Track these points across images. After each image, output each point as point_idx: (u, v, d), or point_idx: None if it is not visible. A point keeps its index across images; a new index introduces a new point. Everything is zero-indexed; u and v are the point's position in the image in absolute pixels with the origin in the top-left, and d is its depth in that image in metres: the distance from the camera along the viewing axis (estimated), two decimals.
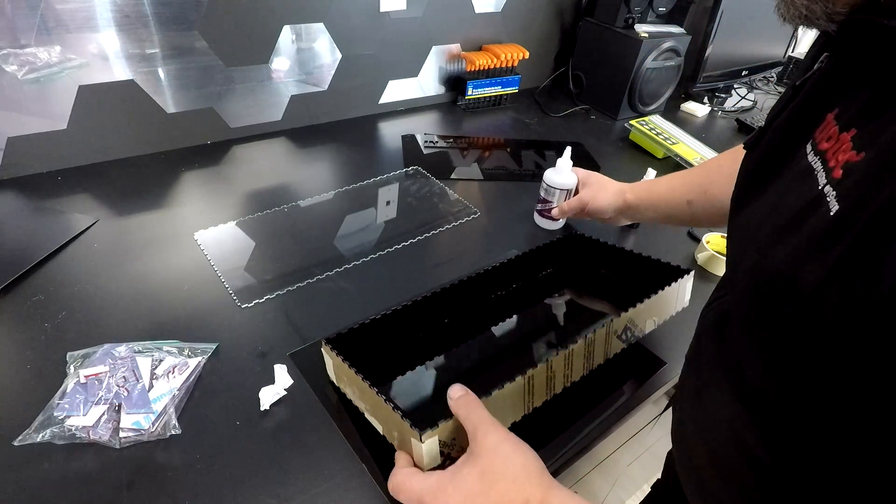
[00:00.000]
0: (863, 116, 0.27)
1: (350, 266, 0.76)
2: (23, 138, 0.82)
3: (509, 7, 1.27)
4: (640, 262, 0.71)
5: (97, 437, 0.50)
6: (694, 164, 1.10)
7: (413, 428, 0.42)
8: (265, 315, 0.66)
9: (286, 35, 0.98)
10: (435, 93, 1.29)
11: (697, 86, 1.38)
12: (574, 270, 0.79)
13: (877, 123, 0.26)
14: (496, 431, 0.40)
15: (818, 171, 0.29)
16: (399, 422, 0.44)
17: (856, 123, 0.27)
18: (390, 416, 0.46)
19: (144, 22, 0.84)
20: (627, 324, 0.59)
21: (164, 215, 0.81)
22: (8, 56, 0.76)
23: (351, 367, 0.50)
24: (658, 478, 0.67)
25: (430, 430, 0.42)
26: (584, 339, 0.53)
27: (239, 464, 0.50)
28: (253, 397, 0.55)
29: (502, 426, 0.42)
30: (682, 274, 0.66)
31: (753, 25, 1.41)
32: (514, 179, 1.02)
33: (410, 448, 0.44)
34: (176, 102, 0.93)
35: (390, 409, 0.45)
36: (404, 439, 0.45)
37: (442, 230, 0.85)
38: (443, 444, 0.44)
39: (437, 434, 0.43)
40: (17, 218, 0.78)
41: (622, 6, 1.24)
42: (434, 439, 0.43)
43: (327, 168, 0.99)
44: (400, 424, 0.44)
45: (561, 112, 1.34)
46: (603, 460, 0.86)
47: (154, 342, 0.59)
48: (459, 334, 0.66)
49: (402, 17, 1.11)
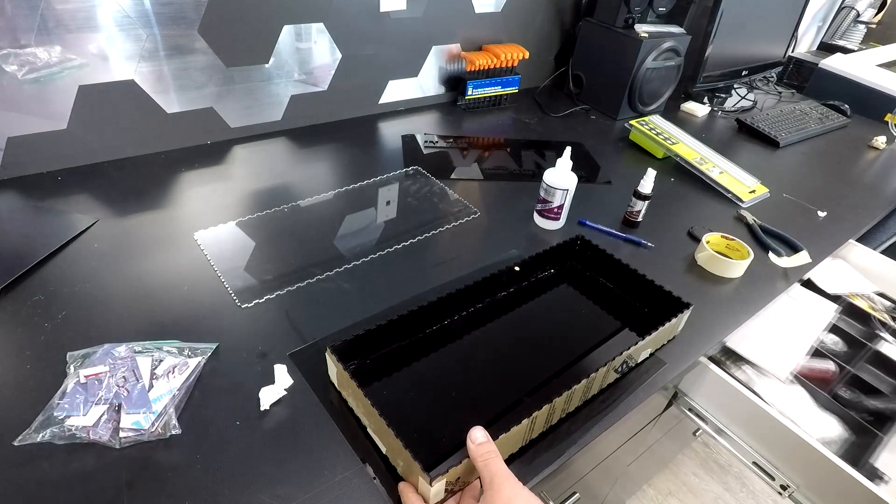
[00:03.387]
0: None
1: (350, 266, 0.75)
2: (23, 138, 0.82)
3: (509, 7, 1.27)
4: (643, 284, 0.72)
5: (97, 437, 0.50)
6: (694, 163, 1.10)
7: (424, 472, 0.44)
8: (265, 315, 0.66)
9: (286, 35, 0.98)
10: (435, 93, 1.29)
11: (697, 86, 1.38)
12: (575, 275, 0.79)
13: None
14: (511, 485, 0.43)
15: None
16: (408, 457, 0.45)
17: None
18: (399, 448, 0.47)
19: (145, 22, 0.84)
20: (626, 359, 0.61)
21: (164, 215, 0.81)
22: (8, 56, 0.76)
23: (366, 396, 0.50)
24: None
25: (440, 476, 0.44)
26: (587, 377, 0.55)
27: (239, 464, 0.50)
28: (253, 397, 0.55)
29: (516, 480, 0.43)
30: (682, 308, 0.67)
31: (753, 25, 1.42)
32: (514, 179, 1.02)
33: (416, 480, 0.46)
34: (176, 102, 0.93)
35: (401, 444, 0.46)
36: (411, 471, 0.46)
37: (442, 230, 0.85)
38: (449, 484, 0.46)
39: (446, 478, 0.45)
40: (17, 218, 0.78)
41: (622, 6, 1.24)
42: (442, 483, 0.45)
43: (327, 168, 0.99)
44: (409, 459, 0.45)
45: (561, 112, 1.34)
46: (603, 460, 0.86)
47: (154, 342, 0.59)
48: (463, 341, 0.66)
49: (402, 17, 1.11)
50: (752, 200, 1.05)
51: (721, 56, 1.37)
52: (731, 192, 1.04)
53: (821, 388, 0.80)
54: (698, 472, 1.56)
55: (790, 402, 0.77)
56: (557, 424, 0.57)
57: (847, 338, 0.90)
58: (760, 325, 0.86)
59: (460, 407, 0.58)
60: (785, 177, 1.17)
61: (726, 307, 0.78)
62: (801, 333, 0.86)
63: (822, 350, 0.89)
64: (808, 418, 0.75)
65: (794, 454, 0.73)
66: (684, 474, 1.54)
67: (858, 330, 0.92)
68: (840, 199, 1.10)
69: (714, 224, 0.95)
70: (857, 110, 1.53)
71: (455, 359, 0.64)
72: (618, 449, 0.88)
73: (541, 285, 0.76)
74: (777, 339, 0.84)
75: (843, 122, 1.47)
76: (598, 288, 0.77)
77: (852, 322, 0.94)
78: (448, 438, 0.54)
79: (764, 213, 1.00)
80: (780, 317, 0.88)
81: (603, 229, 0.90)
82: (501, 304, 0.72)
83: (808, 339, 0.85)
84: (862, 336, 0.89)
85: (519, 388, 0.61)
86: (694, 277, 0.83)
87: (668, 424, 1.03)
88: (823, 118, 1.45)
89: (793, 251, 0.90)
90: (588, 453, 0.66)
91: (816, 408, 0.78)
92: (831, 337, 0.91)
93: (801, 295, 0.94)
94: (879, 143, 1.36)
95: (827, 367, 0.84)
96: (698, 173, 1.09)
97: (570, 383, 0.53)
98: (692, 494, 1.49)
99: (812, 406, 0.78)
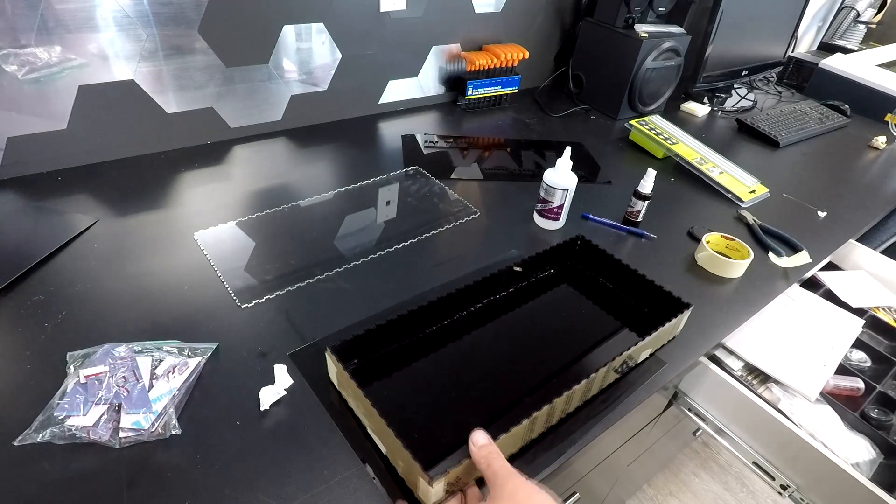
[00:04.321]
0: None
1: (350, 266, 0.75)
2: (23, 138, 0.82)
3: (509, 7, 1.27)
4: (643, 284, 0.72)
5: (97, 437, 0.50)
6: (694, 163, 1.10)
7: (425, 472, 0.44)
8: (265, 315, 0.66)
9: (286, 35, 0.98)
10: (435, 93, 1.29)
11: (697, 86, 1.38)
12: (576, 275, 0.79)
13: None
14: (514, 480, 0.43)
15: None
16: (408, 457, 0.46)
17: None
18: (399, 449, 0.47)
19: (144, 22, 0.84)
20: (626, 359, 0.61)
21: (164, 215, 0.81)
22: (8, 56, 0.76)
23: (366, 396, 0.50)
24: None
25: (440, 476, 0.44)
26: (588, 378, 0.55)
27: (239, 464, 0.50)
28: (253, 397, 0.55)
29: (519, 475, 0.44)
30: (682, 308, 0.67)
31: (753, 25, 1.41)
32: (514, 179, 1.02)
33: (416, 480, 0.46)
34: (176, 102, 0.93)
35: (400, 444, 0.46)
36: (410, 471, 0.46)
37: (442, 230, 0.85)
38: (449, 485, 0.46)
39: (446, 478, 0.45)
40: (17, 218, 0.78)
41: (622, 6, 1.24)
42: (442, 483, 0.45)
43: (327, 168, 0.99)
44: (408, 460, 0.46)
45: (561, 112, 1.34)
46: (603, 460, 0.86)
47: (154, 342, 0.59)
48: (462, 341, 0.66)
49: (402, 17, 1.11)
50: (752, 200, 1.05)
51: (721, 56, 1.37)
52: (731, 192, 1.04)
53: (849, 407, 0.78)
54: (698, 472, 1.56)
55: (819, 422, 0.74)
56: (557, 424, 0.57)
57: (873, 353, 0.88)
58: (784, 341, 0.84)
59: (460, 406, 0.58)
60: (785, 177, 1.17)
61: (726, 307, 0.78)
62: (826, 350, 0.83)
63: (847, 366, 0.86)
64: (838, 441, 0.73)
65: (794, 454, 0.73)
66: (684, 474, 1.54)
67: (886, 346, 0.89)
68: (840, 199, 1.10)
69: (714, 224, 0.95)
70: (857, 110, 1.53)
71: (455, 358, 0.64)
72: (618, 449, 0.88)
73: (541, 285, 0.76)
74: (803, 357, 0.81)
75: (843, 122, 1.47)
76: (598, 288, 0.77)
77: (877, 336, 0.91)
78: (448, 438, 0.54)
79: (764, 213, 1.00)
80: (804, 332, 0.86)
81: (606, 222, 0.91)
82: (501, 304, 0.72)
83: (835, 355, 0.82)
84: (888, 352, 0.88)
85: (519, 388, 0.61)
86: (694, 277, 0.83)
87: (668, 424, 1.03)
88: (823, 118, 1.45)
89: (793, 251, 0.90)
90: (588, 453, 0.66)
91: (846, 429, 0.75)
92: (858, 353, 0.89)
93: (826, 309, 0.91)
94: (879, 143, 1.37)
95: (855, 385, 0.82)
96: (698, 173, 1.09)
97: (570, 383, 0.54)
98: (692, 494, 1.49)
99: (841, 427, 0.75)
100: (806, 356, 0.82)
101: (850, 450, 0.72)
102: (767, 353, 0.81)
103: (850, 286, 0.98)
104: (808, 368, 0.79)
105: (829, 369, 0.80)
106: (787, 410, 0.75)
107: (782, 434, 0.72)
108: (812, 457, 0.70)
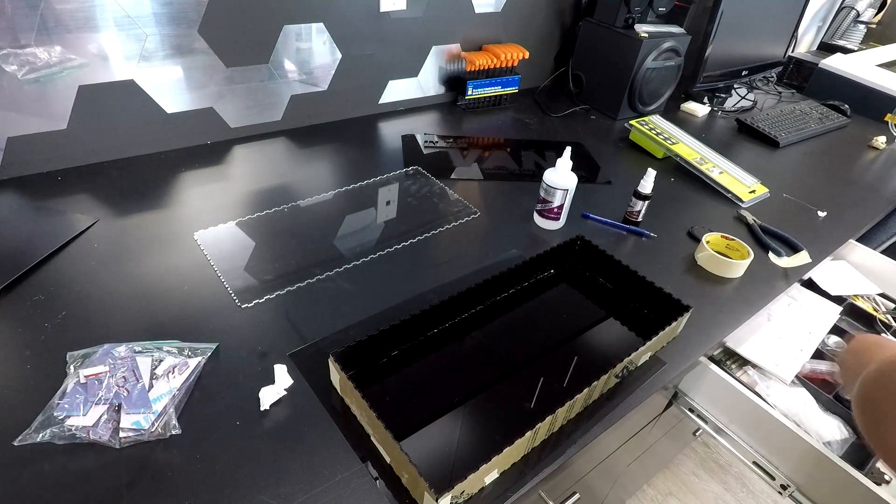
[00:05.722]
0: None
1: (350, 266, 0.75)
2: (23, 138, 0.82)
3: (509, 7, 1.26)
4: (643, 285, 0.72)
5: (97, 437, 0.50)
6: (694, 163, 1.10)
7: (431, 489, 0.44)
8: (265, 315, 0.66)
9: (286, 35, 0.98)
10: (435, 93, 1.29)
11: (697, 86, 1.38)
12: (576, 276, 0.79)
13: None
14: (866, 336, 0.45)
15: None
16: (413, 471, 0.46)
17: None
18: (404, 463, 0.47)
19: (145, 22, 0.84)
20: (627, 364, 0.61)
21: (164, 215, 0.81)
22: (8, 56, 0.76)
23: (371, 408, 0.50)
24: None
25: (446, 492, 0.45)
26: (589, 386, 0.55)
27: (239, 464, 0.50)
28: (253, 397, 0.55)
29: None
30: (682, 311, 0.67)
31: (753, 25, 1.41)
32: (514, 179, 1.02)
33: (422, 493, 0.46)
34: (176, 102, 0.93)
35: (406, 458, 0.46)
36: (417, 485, 0.47)
37: (442, 230, 0.85)
38: (454, 497, 0.47)
39: (451, 493, 0.45)
40: (17, 218, 0.78)
41: (622, 6, 1.24)
42: (448, 498, 0.45)
43: (327, 168, 0.99)
44: (414, 474, 0.46)
45: (561, 112, 1.34)
46: (603, 460, 0.86)
47: (154, 342, 0.59)
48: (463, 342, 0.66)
49: (402, 17, 1.11)
50: (752, 200, 1.05)
51: (721, 56, 1.37)
52: (731, 192, 1.04)
53: (823, 389, 0.80)
54: (698, 472, 1.56)
55: (793, 403, 0.77)
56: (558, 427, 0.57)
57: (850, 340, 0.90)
58: (763, 327, 0.86)
59: (460, 409, 0.58)
60: (785, 177, 1.17)
61: (726, 307, 0.78)
62: (804, 335, 0.86)
63: (824, 351, 0.89)
64: (811, 420, 0.75)
65: (794, 454, 0.73)
66: (684, 474, 1.54)
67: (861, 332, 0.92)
68: (840, 199, 1.10)
69: (714, 224, 0.95)
70: (857, 110, 1.53)
71: (455, 360, 0.64)
72: (618, 449, 0.88)
73: (540, 286, 0.76)
74: (781, 342, 0.84)
75: (843, 122, 1.47)
76: (598, 289, 0.77)
77: (855, 324, 0.94)
78: (448, 440, 0.54)
79: (764, 213, 1.00)
80: (783, 318, 0.88)
81: (606, 221, 0.91)
82: (502, 304, 0.72)
83: (812, 341, 0.85)
84: None
85: (520, 391, 0.61)
86: (694, 277, 0.83)
87: (668, 424, 1.03)
88: (823, 118, 1.45)
89: (793, 251, 0.90)
90: (588, 453, 0.66)
91: (819, 410, 0.78)
92: (834, 338, 0.91)
93: (804, 296, 0.94)
94: (879, 143, 1.37)
95: (830, 369, 0.84)
96: (698, 173, 1.09)
97: (572, 392, 0.54)
98: (692, 494, 1.49)
99: (815, 408, 0.78)
100: (783, 341, 0.84)
101: (822, 429, 0.74)
102: (745, 337, 0.83)
103: (830, 275, 0.99)
104: (785, 353, 0.82)
105: (805, 354, 0.82)
106: (763, 393, 0.77)
107: (782, 434, 0.72)
108: (812, 457, 0.70)
